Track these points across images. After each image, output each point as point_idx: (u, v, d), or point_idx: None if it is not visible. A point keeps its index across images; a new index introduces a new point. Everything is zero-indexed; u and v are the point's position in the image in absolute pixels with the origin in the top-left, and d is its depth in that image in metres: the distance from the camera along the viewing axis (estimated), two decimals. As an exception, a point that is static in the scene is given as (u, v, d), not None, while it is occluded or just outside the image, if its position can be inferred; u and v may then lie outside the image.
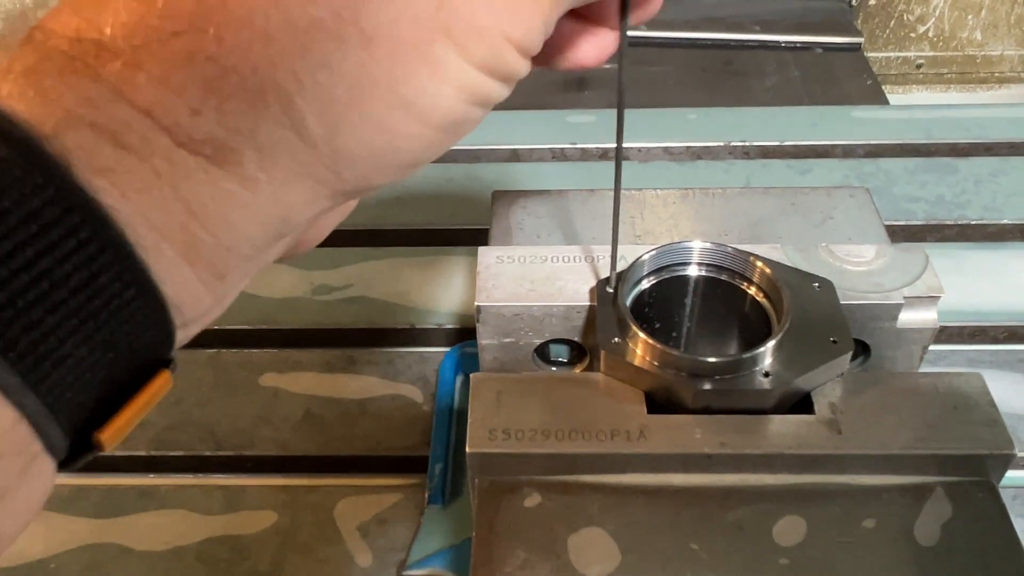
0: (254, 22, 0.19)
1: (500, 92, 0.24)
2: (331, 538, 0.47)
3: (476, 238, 0.43)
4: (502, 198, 0.46)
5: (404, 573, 0.45)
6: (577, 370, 0.40)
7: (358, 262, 0.63)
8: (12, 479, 0.18)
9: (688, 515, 0.32)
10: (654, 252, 0.37)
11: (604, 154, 0.71)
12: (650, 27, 1.31)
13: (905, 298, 0.37)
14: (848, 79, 1.40)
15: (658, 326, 0.39)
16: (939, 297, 0.37)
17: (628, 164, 0.71)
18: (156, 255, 0.19)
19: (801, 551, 0.31)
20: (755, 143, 0.71)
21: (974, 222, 0.63)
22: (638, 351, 0.34)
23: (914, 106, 0.75)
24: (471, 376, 0.35)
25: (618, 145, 0.31)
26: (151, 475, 0.52)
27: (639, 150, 0.71)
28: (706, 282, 0.37)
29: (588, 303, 0.37)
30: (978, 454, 0.32)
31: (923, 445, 0.32)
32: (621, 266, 0.37)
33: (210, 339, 0.58)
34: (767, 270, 0.35)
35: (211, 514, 0.49)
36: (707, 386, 0.33)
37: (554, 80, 1.03)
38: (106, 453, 0.20)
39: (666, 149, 0.71)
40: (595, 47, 0.29)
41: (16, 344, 0.17)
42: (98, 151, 0.18)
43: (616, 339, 0.34)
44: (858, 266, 0.38)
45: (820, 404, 0.33)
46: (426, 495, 0.48)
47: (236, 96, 0.19)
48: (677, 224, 0.43)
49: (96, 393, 0.19)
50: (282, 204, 0.21)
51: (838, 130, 0.72)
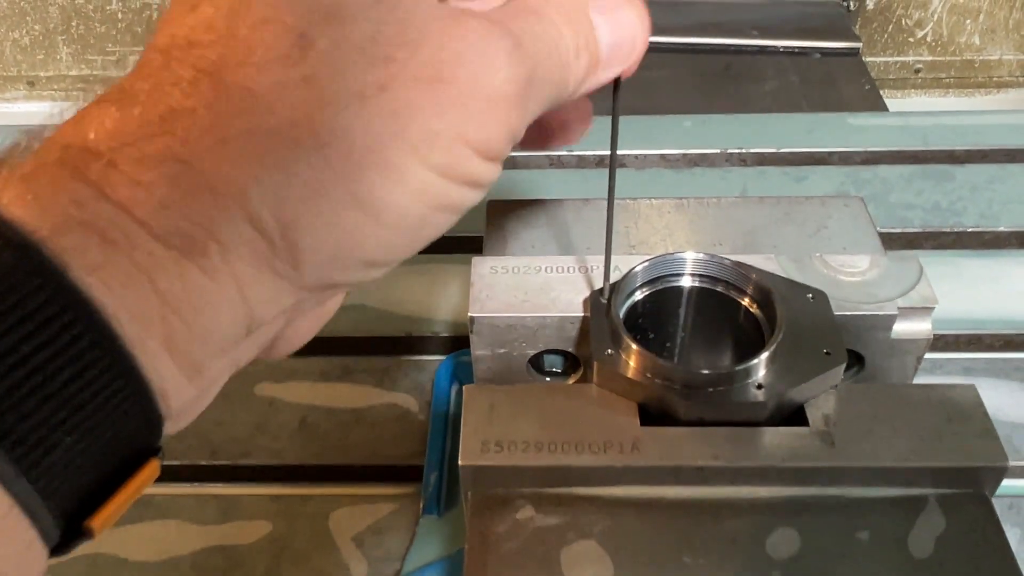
0: (216, 128, 0.21)
1: (467, 196, 0.25)
2: (326, 548, 0.47)
3: (472, 246, 0.43)
4: (497, 207, 0.46)
5: (399, 583, 0.45)
6: (571, 380, 0.40)
7: (354, 270, 0.63)
8: (7, 566, 0.19)
9: (681, 528, 0.32)
10: (647, 263, 0.37)
11: (600, 161, 0.71)
12: (648, 33, 1.31)
13: (899, 309, 0.37)
14: (846, 84, 1.40)
15: (652, 337, 0.38)
16: (933, 308, 0.37)
17: (624, 171, 0.71)
18: (141, 347, 0.20)
19: (795, 564, 0.31)
20: (751, 150, 0.71)
21: (970, 229, 0.63)
22: (631, 363, 0.34)
23: (910, 113, 0.75)
24: (464, 388, 0.35)
25: (611, 177, 0.31)
26: (146, 484, 0.52)
27: (636, 157, 0.71)
28: (699, 293, 0.37)
29: (582, 314, 0.37)
30: (972, 467, 0.32)
31: (917, 457, 0.32)
32: (615, 277, 0.37)
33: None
34: (761, 281, 0.35)
35: (206, 524, 0.49)
36: (700, 398, 0.33)
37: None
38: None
39: (663, 156, 0.71)
40: (569, 131, 0.31)
41: (11, 434, 0.18)
42: (88, 249, 0.20)
43: (609, 350, 0.34)
44: (852, 276, 0.38)
45: (814, 416, 0.33)
46: (421, 505, 0.48)
47: (198, 192, 0.21)
48: (671, 234, 0.43)
49: (87, 481, 0.20)
50: (247, 297, 0.22)
51: (835, 137, 0.72)
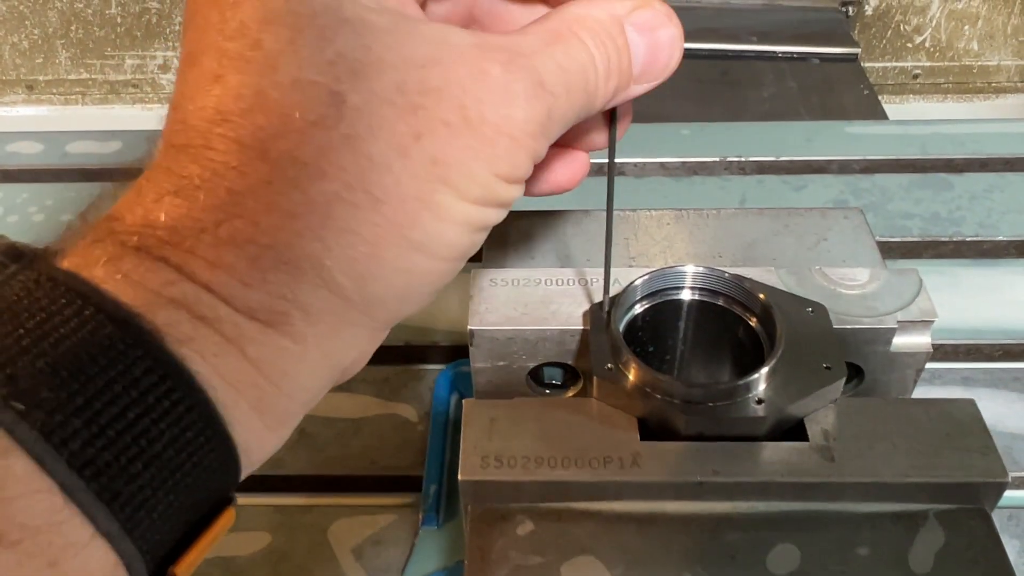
0: (280, 204, 0.22)
1: (499, 215, 0.26)
2: (325, 559, 0.47)
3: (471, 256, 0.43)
4: (496, 219, 0.46)
5: (398, 595, 0.45)
6: (571, 393, 0.40)
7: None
8: None
9: (681, 543, 0.32)
10: (647, 277, 0.37)
11: (600, 169, 0.71)
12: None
13: (899, 322, 0.37)
14: (845, 89, 1.40)
15: (651, 350, 0.38)
16: (933, 321, 0.37)
17: (623, 179, 0.71)
18: (233, 410, 0.22)
19: (794, 580, 0.31)
20: (750, 158, 0.71)
21: (969, 239, 0.63)
22: (631, 377, 0.34)
23: (909, 121, 0.75)
24: (463, 402, 0.35)
25: (609, 191, 0.31)
26: (145, 494, 0.52)
27: (635, 165, 0.71)
28: (699, 307, 0.37)
29: (582, 327, 0.37)
30: (971, 482, 0.32)
31: (916, 473, 0.32)
32: (614, 290, 0.37)
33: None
34: (760, 295, 0.35)
35: (205, 535, 0.49)
36: (700, 413, 0.33)
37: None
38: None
39: (662, 164, 0.71)
40: (569, 171, 0.32)
41: (120, 496, 0.20)
42: (180, 323, 0.21)
43: (609, 365, 0.34)
44: (852, 289, 0.38)
45: (813, 431, 0.33)
46: (420, 516, 0.48)
47: (276, 268, 0.22)
48: (671, 246, 0.43)
49: (175, 532, 0.22)
50: (329, 352, 0.24)
51: (833, 145, 0.72)
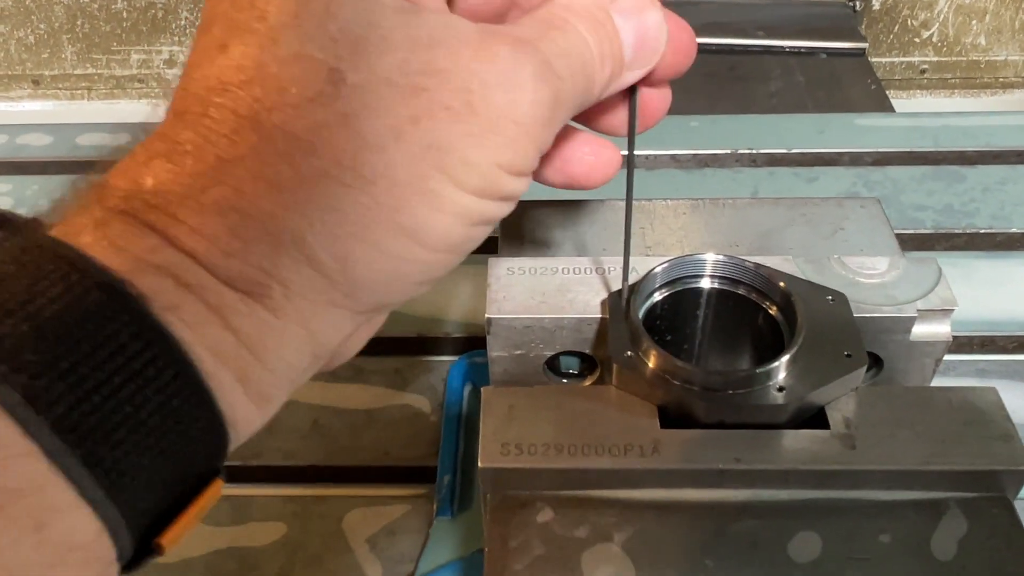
0: (266, 175, 0.22)
1: (501, 209, 0.26)
2: (340, 550, 0.47)
3: (484, 246, 0.43)
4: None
5: (413, 585, 0.45)
6: (588, 382, 0.40)
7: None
8: None
9: (702, 531, 0.32)
10: (666, 264, 0.36)
11: (611, 162, 0.71)
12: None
13: (919, 311, 0.37)
14: (852, 84, 1.40)
15: (669, 339, 0.38)
16: (952, 310, 0.37)
17: (635, 172, 0.71)
18: (217, 380, 0.21)
19: (816, 567, 0.31)
20: (762, 151, 0.71)
21: (983, 231, 0.63)
22: (651, 365, 0.34)
23: (921, 113, 0.75)
24: (482, 390, 0.35)
25: (628, 180, 0.31)
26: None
27: (646, 158, 0.71)
28: (719, 295, 0.37)
29: (599, 315, 0.37)
30: (993, 470, 0.32)
31: (937, 461, 0.32)
32: (632, 278, 0.37)
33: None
34: (780, 283, 0.35)
35: (220, 525, 0.49)
36: (720, 401, 0.33)
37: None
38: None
39: (673, 157, 0.71)
40: (599, 168, 0.32)
41: (104, 461, 0.19)
42: (165, 291, 0.21)
43: (629, 352, 0.34)
44: (871, 278, 0.38)
45: (834, 419, 0.33)
46: (434, 507, 0.48)
47: (258, 239, 0.22)
48: (687, 235, 0.43)
49: (160, 502, 0.21)
50: (310, 330, 0.23)
51: (845, 138, 0.72)
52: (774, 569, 0.31)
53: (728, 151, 0.71)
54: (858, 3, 1.51)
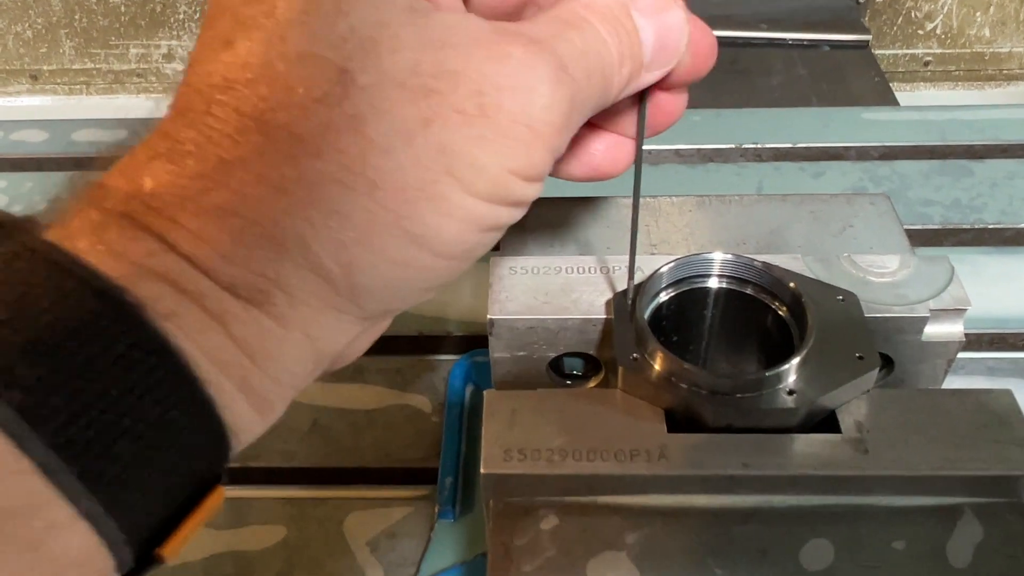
0: (269, 178, 0.21)
1: (511, 215, 0.25)
2: (340, 553, 0.46)
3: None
4: (513, 206, 0.45)
5: (414, 589, 0.44)
6: (592, 384, 0.39)
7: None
8: None
9: (711, 538, 0.31)
10: (673, 264, 0.36)
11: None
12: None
13: (931, 311, 0.36)
14: (856, 77, 1.38)
15: (675, 339, 0.38)
16: (966, 310, 0.36)
17: (638, 167, 0.70)
18: (218, 390, 0.21)
19: (829, 575, 0.30)
20: (767, 145, 0.70)
21: (991, 226, 0.62)
22: (658, 367, 0.33)
23: (928, 107, 0.74)
24: (484, 393, 0.34)
25: (636, 178, 0.31)
26: (156, 487, 0.51)
27: (649, 152, 0.70)
28: (727, 295, 0.36)
29: (604, 316, 0.36)
30: (1010, 475, 0.31)
31: (952, 466, 0.31)
32: (637, 278, 0.36)
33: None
34: (790, 283, 0.34)
35: (217, 529, 0.48)
36: (729, 404, 0.32)
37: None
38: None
39: (676, 152, 0.70)
40: (611, 155, 0.31)
41: (102, 476, 0.19)
42: (163, 297, 0.20)
43: (635, 355, 0.33)
44: (881, 277, 0.37)
45: (846, 423, 0.32)
46: (436, 509, 0.47)
47: (259, 244, 0.21)
48: (693, 233, 0.42)
49: (161, 513, 0.21)
50: (313, 336, 0.23)
51: (851, 132, 0.71)
52: (785, 577, 0.30)
53: (732, 146, 0.70)
54: (861, -5, 1.50)
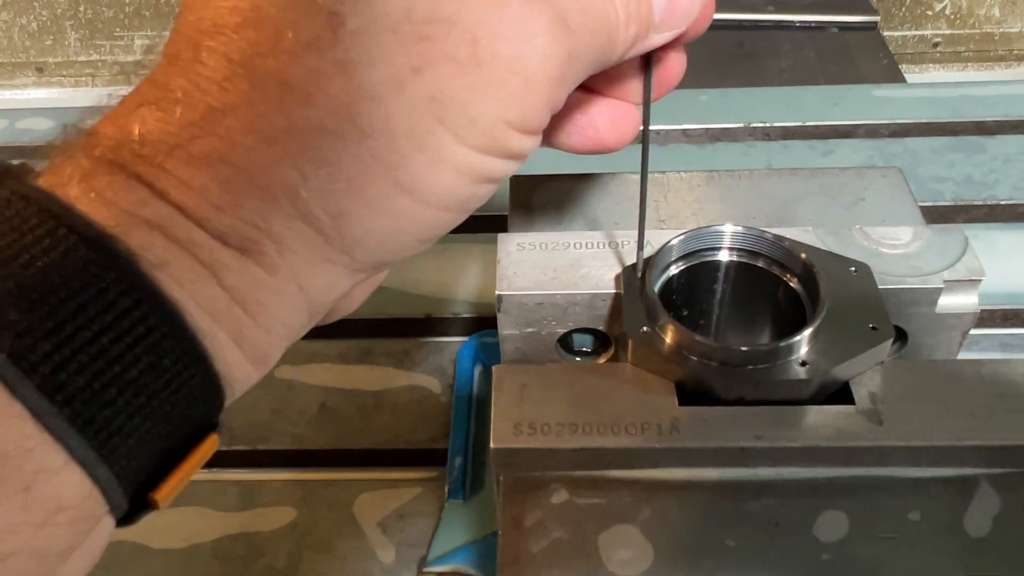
0: (258, 126, 0.21)
1: (507, 168, 0.24)
2: (351, 534, 0.46)
3: (493, 225, 0.42)
4: (520, 183, 0.44)
5: (425, 569, 0.44)
6: (602, 360, 0.39)
7: (372, 251, 0.62)
8: (81, 539, 0.20)
9: (723, 510, 0.31)
10: (683, 237, 0.35)
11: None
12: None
13: (945, 282, 0.35)
14: (864, 58, 1.37)
15: (685, 313, 0.37)
16: (980, 280, 0.35)
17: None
18: (211, 339, 0.21)
19: (843, 547, 0.30)
20: (775, 124, 0.69)
21: (1003, 202, 0.62)
22: (668, 340, 0.32)
23: (938, 84, 0.73)
24: (493, 368, 0.34)
25: (644, 150, 0.30)
26: (165, 471, 0.51)
27: (657, 133, 0.69)
28: (737, 267, 0.36)
29: (613, 291, 0.36)
30: (1027, 444, 0.31)
31: (969, 436, 0.31)
32: (647, 252, 0.35)
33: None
34: (801, 255, 0.34)
35: (228, 510, 0.48)
36: (741, 376, 0.31)
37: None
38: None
39: (684, 131, 0.70)
40: (616, 129, 0.30)
41: (93, 421, 0.19)
42: (155, 246, 0.20)
43: (645, 328, 0.33)
44: (894, 249, 0.37)
45: (859, 394, 0.32)
46: (446, 489, 0.47)
47: (249, 193, 0.21)
48: (702, 207, 0.42)
49: (154, 459, 0.21)
50: (305, 288, 0.23)
51: (860, 109, 0.71)
52: (799, 549, 0.30)
53: (741, 125, 0.70)
54: (870, -25, 1.48)
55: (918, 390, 0.32)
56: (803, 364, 0.32)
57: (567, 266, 0.37)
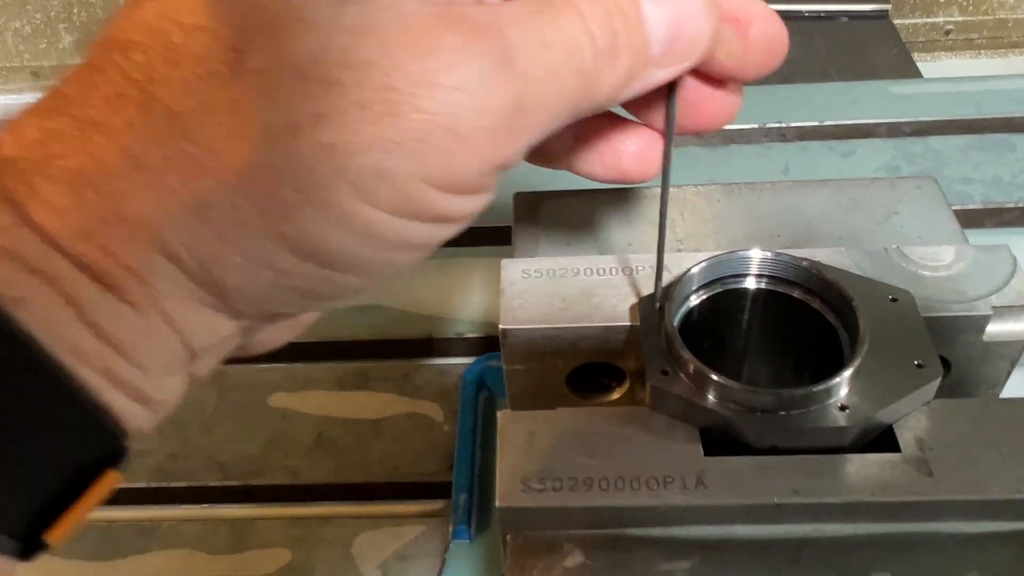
0: (132, 151, 0.19)
1: (435, 232, 0.21)
2: (349, 579, 0.44)
3: (497, 237, 0.39)
4: (525, 200, 0.41)
5: (429, 617, 0.41)
6: (617, 395, 0.36)
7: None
8: None
9: (756, 572, 0.28)
10: (705, 264, 0.32)
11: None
12: None
13: (993, 308, 0.32)
14: (875, 48, 1.34)
15: (707, 346, 0.34)
16: (1033, 306, 0.32)
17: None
18: (84, 378, 0.20)
19: (892, 615, 0.27)
20: (791, 124, 0.66)
21: (1036, 204, 0.58)
22: (692, 383, 0.29)
23: (960, 78, 0.70)
24: (499, 414, 0.31)
25: (664, 172, 0.27)
26: (152, 507, 0.48)
27: (667, 136, 0.66)
28: (765, 298, 0.32)
29: (628, 323, 0.33)
30: (1096, 497, 0.27)
31: (1030, 487, 0.27)
32: (665, 278, 0.32)
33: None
34: (837, 283, 0.31)
35: (218, 553, 0.45)
36: (774, 423, 0.28)
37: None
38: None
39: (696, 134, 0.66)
40: (640, 162, 0.27)
41: None
42: (15, 281, 0.19)
43: (665, 369, 0.30)
44: (936, 271, 0.33)
45: (905, 440, 0.29)
46: (450, 529, 0.44)
47: (111, 222, 0.19)
48: (723, 226, 0.39)
49: (40, 500, 0.20)
50: (179, 329, 0.21)
51: (880, 107, 0.67)
52: (843, 619, 0.27)
53: (755, 126, 0.66)
54: (879, -37, 1.45)
55: (970, 434, 0.29)
56: (842, 408, 0.28)
57: (577, 295, 0.34)
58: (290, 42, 0.19)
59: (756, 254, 0.32)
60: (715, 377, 0.29)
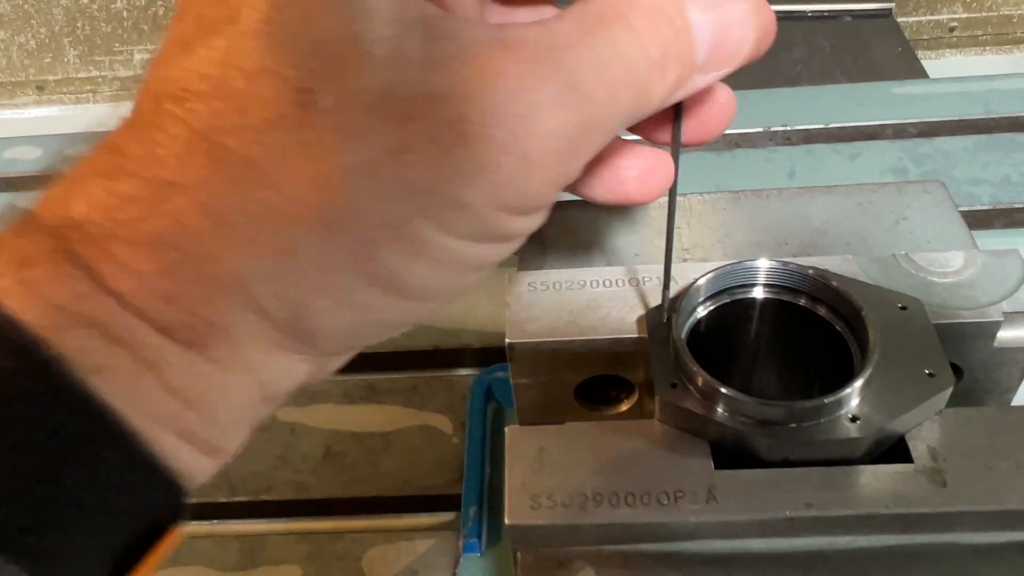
0: (212, 208, 0.19)
1: (502, 250, 0.22)
2: (360, 594, 0.43)
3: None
4: (530, 211, 0.41)
5: (441, 632, 0.41)
6: (625, 406, 0.35)
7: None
8: None
9: (769, 587, 0.28)
10: (713, 274, 0.32)
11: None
12: None
13: (1004, 314, 0.32)
14: (879, 47, 1.33)
15: (715, 357, 0.34)
16: (1044, 311, 0.32)
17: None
18: (157, 441, 0.19)
19: (907, 629, 0.26)
20: (797, 127, 0.66)
21: (1046, 204, 0.58)
22: (701, 395, 0.29)
23: (968, 78, 0.69)
24: (507, 430, 0.30)
25: (672, 193, 0.27)
26: (163, 525, 0.48)
27: (671, 141, 0.66)
28: (774, 308, 0.32)
29: (636, 335, 0.32)
30: (1113, 505, 0.27)
31: (1046, 496, 0.27)
32: (672, 289, 0.32)
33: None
34: (846, 292, 0.30)
35: (228, 570, 0.45)
36: (785, 435, 0.28)
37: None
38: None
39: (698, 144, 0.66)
40: (643, 185, 0.27)
41: (28, 549, 0.18)
42: (91, 349, 0.19)
43: (674, 382, 0.30)
44: (946, 277, 0.33)
45: (918, 450, 0.28)
46: (460, 543, 0.43)
47: (196, 282, 0.19)
48: (729, 234, 0.38)
49: (106, 566, 0.20)
50: (262, 380, 0.21)
51: (886, 108, 0.67)
52: (858, 633, 0.26)
53: (760, 129, 0.66)
54: (883, -39, 1.44)
55: (984, 444, 0.29)
56: (853, 420, 0.28)
57: (584, 308, 0.34)
58: (357, 79, 0.19)
59: (763, 264, 0.32)
60: (725, 390, 0.28)
